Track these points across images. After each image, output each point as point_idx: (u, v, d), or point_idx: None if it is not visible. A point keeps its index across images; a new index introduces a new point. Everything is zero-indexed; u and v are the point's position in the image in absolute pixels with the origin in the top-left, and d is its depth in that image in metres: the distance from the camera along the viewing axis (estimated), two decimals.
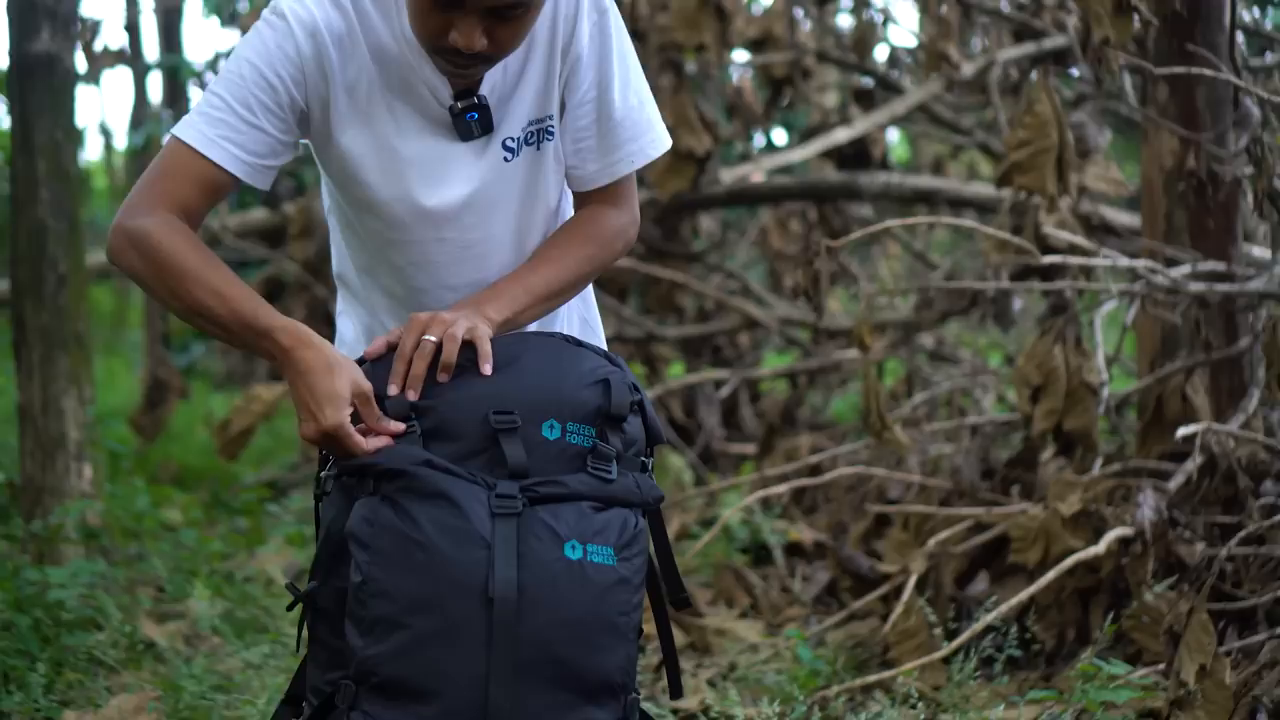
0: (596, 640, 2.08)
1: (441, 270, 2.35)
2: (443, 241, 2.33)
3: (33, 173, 4.64)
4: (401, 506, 2.04)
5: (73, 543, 4.47)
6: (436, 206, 2.29)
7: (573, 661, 2.06)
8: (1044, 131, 4.11)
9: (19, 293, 4.71)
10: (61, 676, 3.66)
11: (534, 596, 2.03)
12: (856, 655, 4.02)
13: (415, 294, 2.36)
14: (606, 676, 2.09)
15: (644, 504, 2.19)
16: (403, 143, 2.27)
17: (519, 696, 2.02)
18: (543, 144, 2.35)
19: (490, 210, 2.33)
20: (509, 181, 2.33)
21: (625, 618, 2.11)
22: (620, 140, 2.39)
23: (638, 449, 2.22)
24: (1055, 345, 4.12)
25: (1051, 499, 3.90)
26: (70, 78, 4.80)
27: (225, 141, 2.19)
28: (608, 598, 2.09)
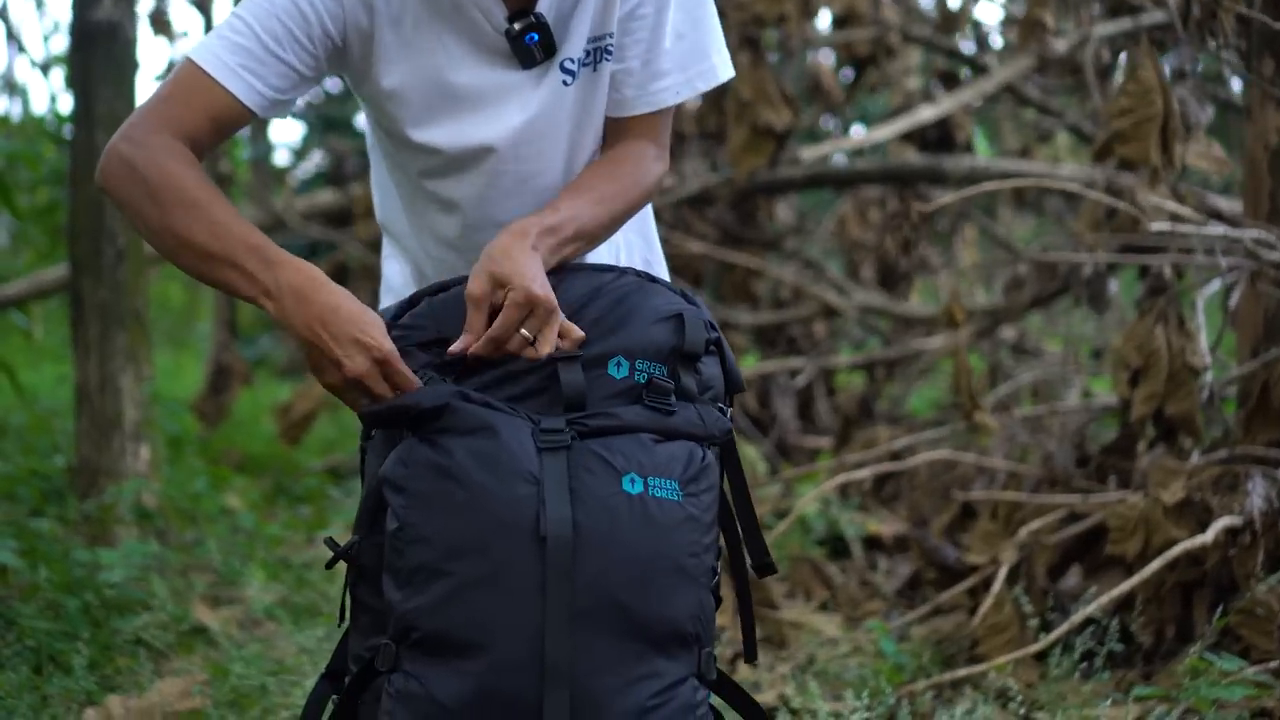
0: (663, 583, 1.85)
1: (496, 206, 2.16)
2: (499, 175, 2.15)
3: (92, 145, 4.51)
4: (439, 444, 1.84)
5: (126, 524, 4.33)
6: (493, 141, 2.11)
7: (637, 607, 1.84)
8: (1148, 99, 3.87)
9: (77, 268, 4.58)
10: (108, 660, 3.51)
11: (591, 535, 1.82)
12: (942, 650, 3.81)
13: (469, 232, 2.18)
14: (676, 624, 1.86)
15: (709, 438, 1.97)
16: (455, 75, 2.08)
17: (578, 647, 1.80)
18: (599, 64, 2.16)
19: (545, 139, 2.14)
20: (565, 107, 2.15)
21: (695, 560, 1.89)
22: (667, 67, 2.20)
23: (714, 394, 2.01)
24: (1157, 326, 3.89)
25: (1153, 487, 3.67)
26: (131, 47, 4.67)
27: (244, 71, 2.01)
28: (674, 536, 1.87)
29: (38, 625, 3.51)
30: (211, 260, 1.93)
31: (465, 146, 2.11)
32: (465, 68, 2.08)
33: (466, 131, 2.10)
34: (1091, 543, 4.01)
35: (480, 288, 1.93)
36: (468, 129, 2.10)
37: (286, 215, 6.56)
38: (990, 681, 3.39)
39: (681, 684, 1.86)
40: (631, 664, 1.82)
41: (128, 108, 4.59)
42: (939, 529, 4.50)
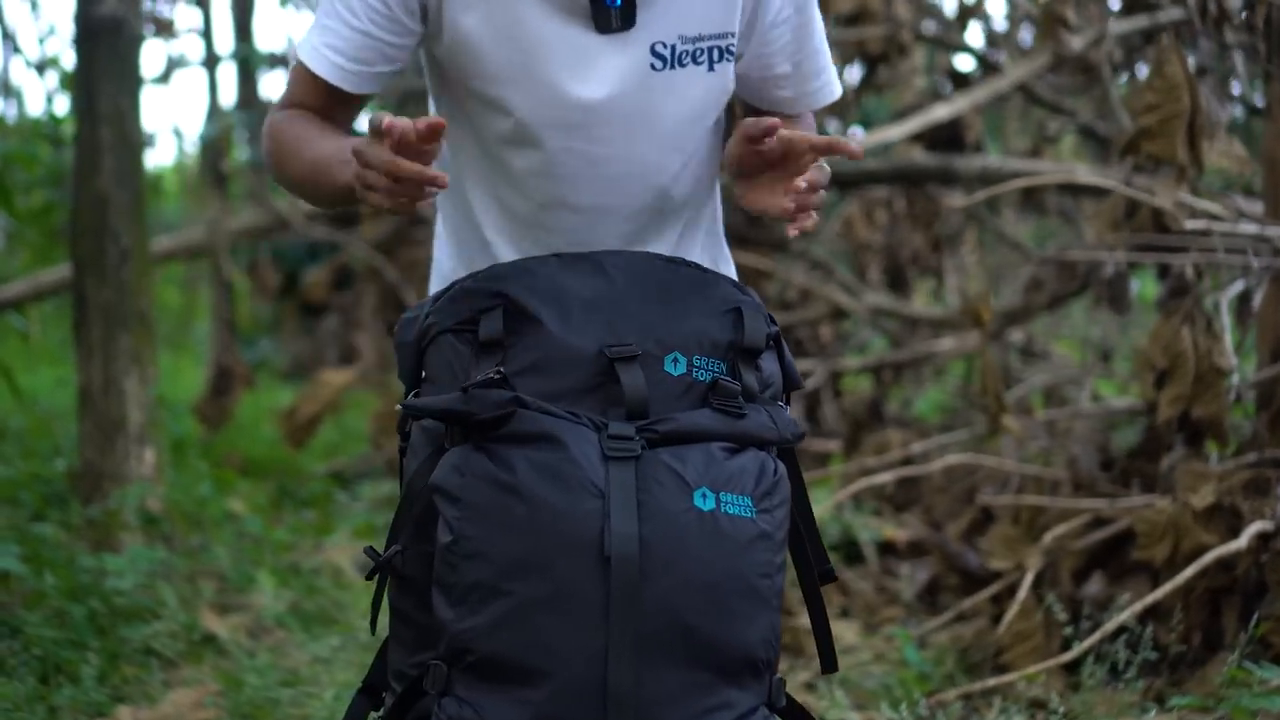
0: (735, 607, 1.74)
1: (563, 185, 2.04)
2: (569, 151, 2.02)
3: (96, 140, 4.42)
4: (497, 453, 1.73)
5: (132, 529, 4.25)
6: (565, 101, 1.99)
7: (707, 632, 1.72)
8: (1174, 95, 3.80)
9: (80, 267, 4.50)
10: (116, 670, 3.43)
11: (659, 554, 1.70)
12: (966, 658, 3.74)
13: (535, 211, 2.06)
14: (748, 651, 1.75)
15: (782, 442, 1.86)
16: (533, 25, 1.97)
17: (644, 676, 1.69)
18: (717, 64, 2.05)
19: (627, 124, 2.02)
20: (657, 95, 2.02)
21: (767, 580, 1.77)
22: (818, 68, 2.16)
23: (774, 391, 1.91)
24: (1183, 326, 3.81)
25: (1182, 491, 3.59)
26: (135, 43, 4.58)
27: (328, 50, 2.01)
28: (747, 556, 1.75)
29: (44, 634, 3.43)
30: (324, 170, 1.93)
31: (537, 104, 2.00)
32: (543, 19, 1.97)
33: (539, 92, 1.99)
34: (1114, 548, 3.94)
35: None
36: (541, 89, 1.99)
37: (290, 216, 6.47)
38: (1020, 690, 3.32)
39: (752, 714, 1.76)
40: (701, 694, 1.72)
41: (132, 104, 4.51)
42: (957, 534, 4.43)
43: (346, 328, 7.03)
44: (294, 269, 8.32)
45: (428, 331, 1.87)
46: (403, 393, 1.90)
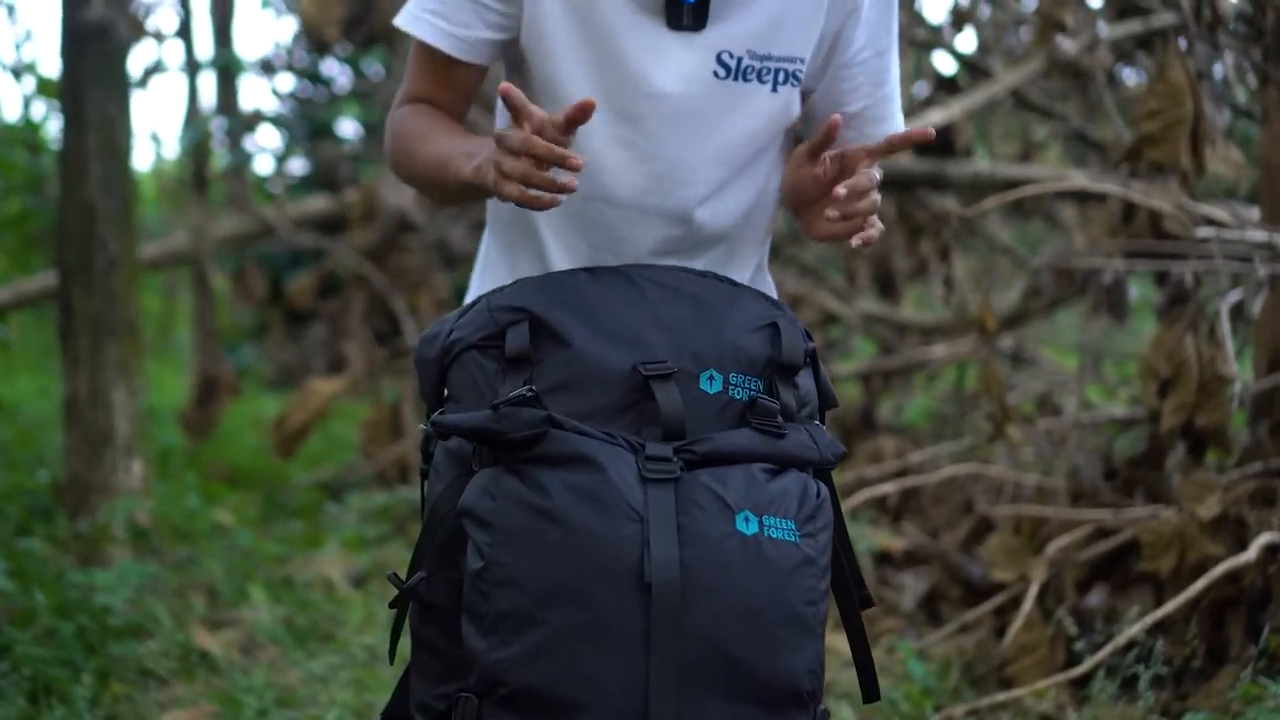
0: (780, 636, 1.67)
1: (606, 176, 2.00)
2: (619, 141, 1.99)
3: (83, 148, 4.36)
4: (530, 476, 1.67)
5: (120, 544, 4.18)
6: (626, 88, 1.97)
7: (751, 662, 1.66)
8: (1177, 100, 3.76)
9: (67, 276, 4.42)
10: (108, 688, 3.36)
11: (701, 581, 1.64)
12: (970, 671, 3.69)
13: (578, 203, 2.01)
14: (794, 681, 1.69)
15: (823, 462, 1.80)
16: (608, 9, 1.96)
17: (687, 708, 1.63)
18: (781, 86, 2.01)
19: (680, 124, 1.98)
20: (715, 103, 1.99)
21: (812, 608, 1.71)
22: (886, 114, 2.11)
23: (810, 410, 1.86)
24: (1186, 334, 3.77)
25: (1187, 501, 3.55)
26: (123, 48, 4.51)
27: (430, 15, 2.03)
28: (791, 582, 1.69)
29: (33, 652, 3.35)
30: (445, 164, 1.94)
31: (596, 90, 1.97)
32: (618, 4, 1.96)
33: (602, 75, 1.97)
34: (1118, 559, 3.90)
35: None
36: (605, 72, 1.97)
37: (277, 222, 6.40)
38: (1029, 705, 3.27)
39: None
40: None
41: (120, 110, 4.44)
42: (955, 544, 4.38)
43: (334, 335, 6.96)
44: (277, 276, 8.24)
45: (451, 348, 1.82)
46: (424, 412, 1.84)
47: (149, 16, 6.94)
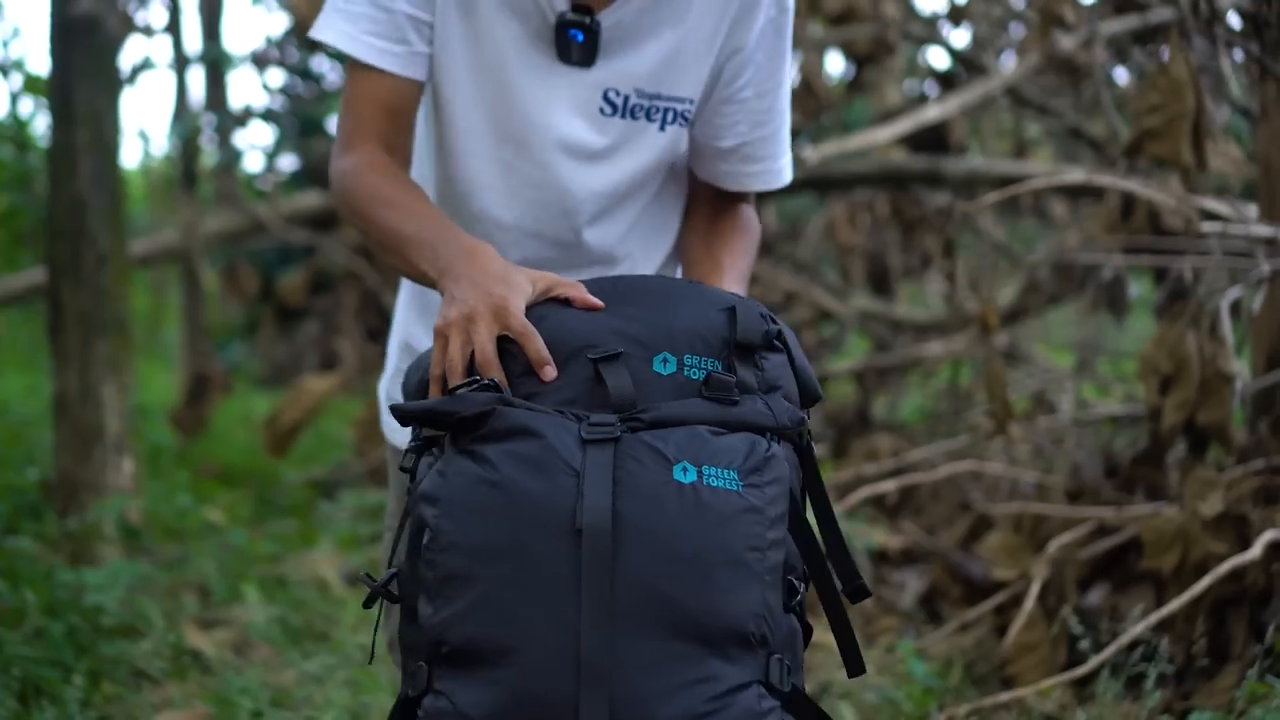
0: (718, 578, 1.63)
1: (494, 202, 2.08)
2: (501, 163, 2.05)
3: (72, 142, 4.32)
4: (478, 452, 1.66)
5: (111, 542, 4.13)
6: (508, 112, 2.02)
7: (688, 603, 1.61)
8: (1179, 95, 3.72)
9: (56, 273, 4.38)
10: (99, 689, 3.31)
11: (635, 527, 1.61)
12: (971, 671, 3.66)
13: (468, 223, 2.08)
14: (734, 622, 1.62)
15: (779, 428, 1.73)
16: (503, 36, 2.00)
17: (620, 647, 1.59)
18: (669, 125, 2.06)
19: (566, 158, 2.04)
20: (601, 140, 2.05)
21: (757, 554, 1.64)
22: (762, 155, 2.15)
23: (784, 395, 1.79)
24: (1187, 331, 3.74)
25: (1190, 499, 3.52)
26: (113, 42, 4.47)
27: (370, 36, 2.00)
28: (731, 527, 1.64)
29: (22, 652, 3.31)
30: (407, 245, 1.92)
31: (483, 109, 2.03)
32: (513, 33, 2.00)
33: (489, 96, 2.02)
34: (1118, 557, 3.87)
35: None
36: (491, 94, 2.02)
37: (267, 218, 6.35)
38: (1032, 704, 3.24)
39: (744, 690, 1.62)
40: (682, 666, 1.61)
41: (109, 105, 4.40)
42: (953, 542, 4.35)
43: (326, 332, 6.92)
44: (268, 273, 8.19)
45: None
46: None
47: (138, 11, 6.88)
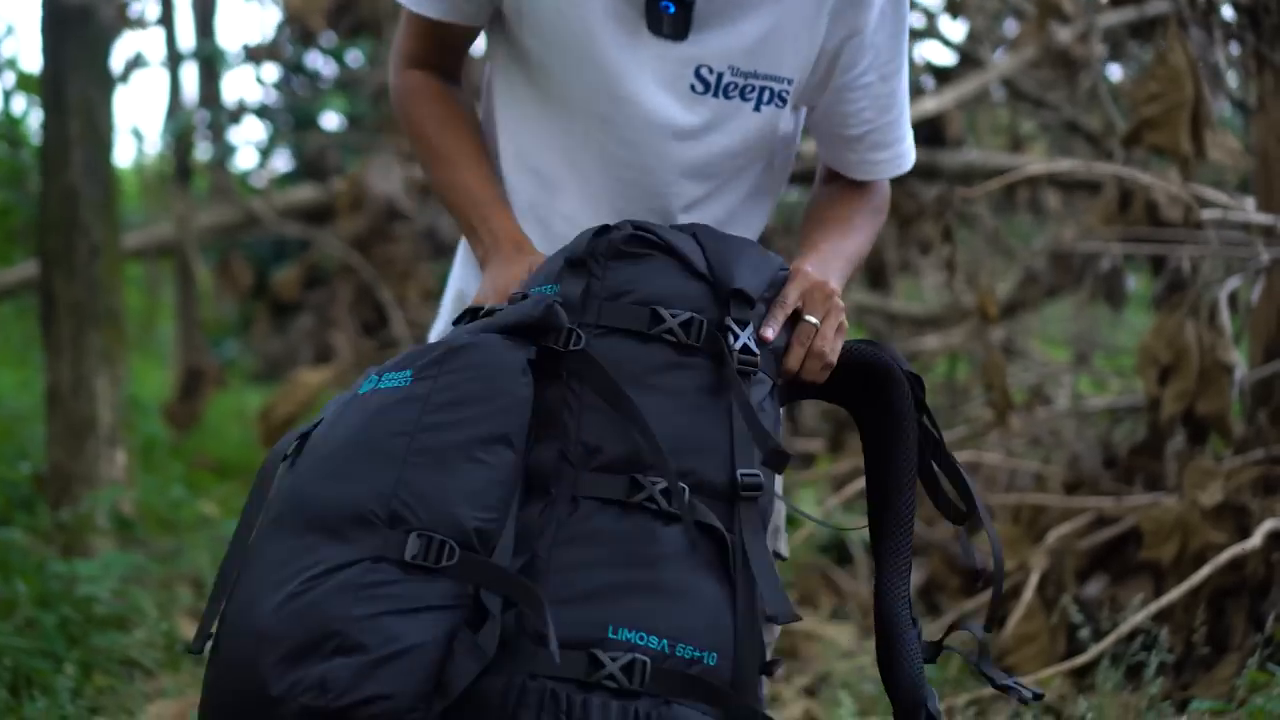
0: (349, 468, 1.64)
1: (577, 173, 1.99)
2: (589, 140, 1.96)
3: (64, 132, 4.29)
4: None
5: (104, 534, 4.10)
6: (597, 87, 1.92)
7: (316, 496, 1.63)
8: (1177, 84, 3.71)
9: (49, 264, 4.35)
10: (91, 680, 3.29)
11: (311, 444, 1.69)
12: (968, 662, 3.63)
13: (559, 187, 2.02)
14: (354, 506, 1.61)
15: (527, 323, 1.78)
16: (584, 6, 1.90)
17: (264, 550, 1.63)
18: (765, 106, 1.96)
19: (651, 136, 1.94)
20: (690, 118, 1.95)
21: (402, 438, 1.65)
22: (890, 140, 2.09)
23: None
24: (1186, 321, 3.72)
25: (1189, 488, 3.50)
26: (105, 33, 4.44)
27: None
28: (378, 418, 1.67)
29: (14, 643, 3.28)
30: (453, 210, 2.03)
31: (573, 82, 1.94)
32: (599, 5, 1.91)
33: (579, 68, 1.93)
34: (1117, 547, 3.85)
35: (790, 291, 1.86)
36: (582, 66, 1.93)
37: (261, 212, 6.32)
38: None
39: (349, 566, 1.59)
40: (301, 556, 1.60)
41: (102, 95, 4.38)
42: (952, 534, 4.33)
43: (320, 326, 6.89)
44: (262, 268, 8.17)
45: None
46: None
47: (132, 3, 6.86)
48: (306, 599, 1.56)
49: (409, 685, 1.54)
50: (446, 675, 1.56)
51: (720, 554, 1.71)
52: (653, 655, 1.63)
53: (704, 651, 1.66)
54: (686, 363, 1.75)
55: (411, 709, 1.54)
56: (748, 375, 1.78)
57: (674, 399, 1.74)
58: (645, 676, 1.61)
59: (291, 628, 1.54)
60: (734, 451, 1.74)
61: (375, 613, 1.55)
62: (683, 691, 1.63)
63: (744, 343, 1.78)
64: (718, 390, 1.75)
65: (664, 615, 1.65)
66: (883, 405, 1.90)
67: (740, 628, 1.69)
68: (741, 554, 1.71)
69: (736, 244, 1.85)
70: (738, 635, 1.69)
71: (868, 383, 1.91)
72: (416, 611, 1.57)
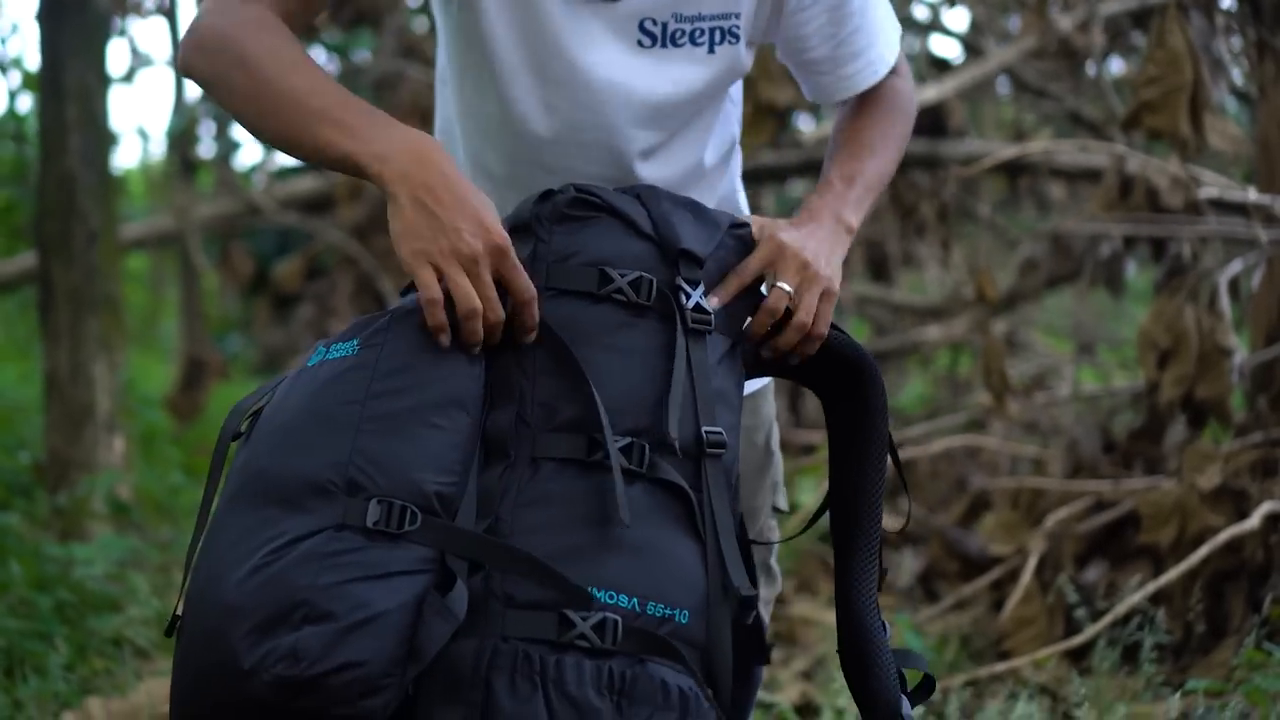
0: (302, 439, 1.62)
1: (533, 142, 1.94)
2: (545, 106, 1.91)
3: (61, 119, 4.29)
4: None
5: (101, 518, 4.10)
6: (544, 55, 1.88)
7: (272, 469, 1.61)
8: (1176, 67, 3.69)
9: (46, 250, 4.36)
10: (85, 661, 3.28)
11: (265, 416, 1.67)
12: (968, 645, 3.63)
13: (509, 170, 1.96)
14: (310, 476, 1.59)
15: None
16: None
17: (225, 524, 1.60)
18: (719, 46, 1.92)
19: (605, 95, 1.91)
20: (643, 74, 1.91)
21: (353, 406, 1.62)
22: (856, 50, 2.01)
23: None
24: (1185, 305, 3.71)
25: (1187, 472, 3.49)
26: (103, 18, 4.45)
27: None
28: (330, 387, 1.64)
29: (8, 625, 3.28)
30: (311, 117, 1.73)
31: (515, 52, 1.90)
32: None
33: (524, 39, 1.89)
34: (1116, 532, 3.84)
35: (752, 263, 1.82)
36: (526, 37, 1.89)
37: (262, 202, 6.32)
38: (1028, 676, 3.21)
39: (311, 536, 1.57)
40: (263, 530, 1.58)
41: (99, 80, 4.38)
42: (952, 521, 4.32)
43: (321, 316, 6.88)
44: (264, 262, 8.18)
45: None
46: None
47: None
48: (271, 570, 1.54)
49: (381, 651, 1.53)
50: (418, 639, 1.54)
51: (687, 512, 1.69)
52: (624, 614, 1.61)
53: (674, 609, 1.64)
54: (638, 323, 1.74)
55: (385, 675, 1.53)
56: (701, 334, 1.76)
57: (628, 358, 1.72)
58: (618, 635, 1.60)
59: (259, 600, 1.52)
60: (697, 409, 1.72)
61: (341, 580, 1.53)
62: (655, 650, 1.61)
63: (696, 301, 1.75)
64: (670, 349, 1.74)
65: (631, 573, 1.63)
66: (859, 402, 1.88)
67: (712, 585, 1.68)
68: (710, 512, 1.70)
69: (682, 204, 1.83)
70: (710, 593, 1.68)
71: (848, 376, 1.89)
72: (383, 578, 1.55)
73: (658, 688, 1.59)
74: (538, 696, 1.56)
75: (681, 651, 1.63)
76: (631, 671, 1.59)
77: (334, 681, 1.51)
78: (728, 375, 1.79)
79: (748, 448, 2.12)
